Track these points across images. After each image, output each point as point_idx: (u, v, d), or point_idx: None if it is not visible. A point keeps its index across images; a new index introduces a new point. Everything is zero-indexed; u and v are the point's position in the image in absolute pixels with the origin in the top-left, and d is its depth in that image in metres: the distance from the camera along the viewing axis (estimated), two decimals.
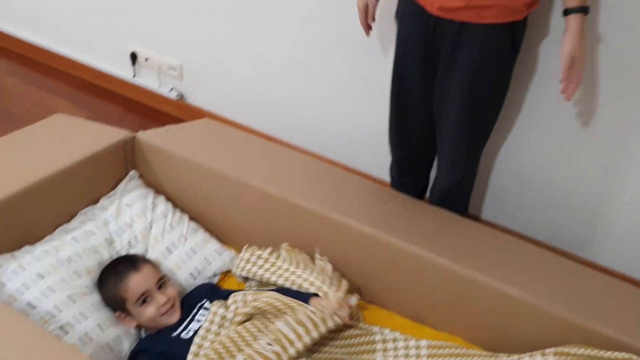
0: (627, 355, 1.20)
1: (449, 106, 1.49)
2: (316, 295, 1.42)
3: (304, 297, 1.40)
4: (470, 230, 1.55)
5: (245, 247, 1.61)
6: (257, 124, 2.31)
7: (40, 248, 1.45)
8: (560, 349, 1.23)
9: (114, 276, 1.41)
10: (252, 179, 1.58)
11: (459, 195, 1.71)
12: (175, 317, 1.41)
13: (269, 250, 1.57)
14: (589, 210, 1.79)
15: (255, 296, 1.39)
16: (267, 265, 1.53)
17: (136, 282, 1.38)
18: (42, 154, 1.56)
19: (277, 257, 1.55)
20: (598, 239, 1.83)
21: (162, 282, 1.43)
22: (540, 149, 1.77)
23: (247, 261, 1.56)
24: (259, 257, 1.55)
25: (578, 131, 1.68)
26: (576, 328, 1.28)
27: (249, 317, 1.37)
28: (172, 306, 1.41)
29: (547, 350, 1.24)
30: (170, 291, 1.43)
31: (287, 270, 1.50)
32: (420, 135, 1.63)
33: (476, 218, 1.99)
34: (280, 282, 1.48)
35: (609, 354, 1.21)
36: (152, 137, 1.70)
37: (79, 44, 2.65)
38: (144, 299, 1.38)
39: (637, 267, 1.81)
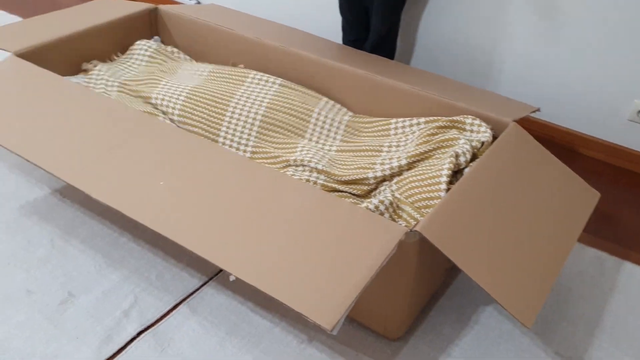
0: (469, 118, 1.70)
1: None
2: None
3: None
4: (404, 69, 2.07)
5: None
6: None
7: None
8: (429, 118, 1.76)
9: None
10: (263, 37, 2.16)
11: (388, 45, 2.25)
12: None
13: None
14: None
15: None
16: None
17: None
18: (90, 17, 2.22)
19: None
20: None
21: None
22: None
23: None
24: None
25: None
26: (442, 105, 1.78)
27: None
28: None
29: (421, 120, 1.77)
30: None
31: None
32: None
33: None
34: None
35: (458, 117, 1.71)
36: (171, 8, 2.33)
37: None
38: None
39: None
